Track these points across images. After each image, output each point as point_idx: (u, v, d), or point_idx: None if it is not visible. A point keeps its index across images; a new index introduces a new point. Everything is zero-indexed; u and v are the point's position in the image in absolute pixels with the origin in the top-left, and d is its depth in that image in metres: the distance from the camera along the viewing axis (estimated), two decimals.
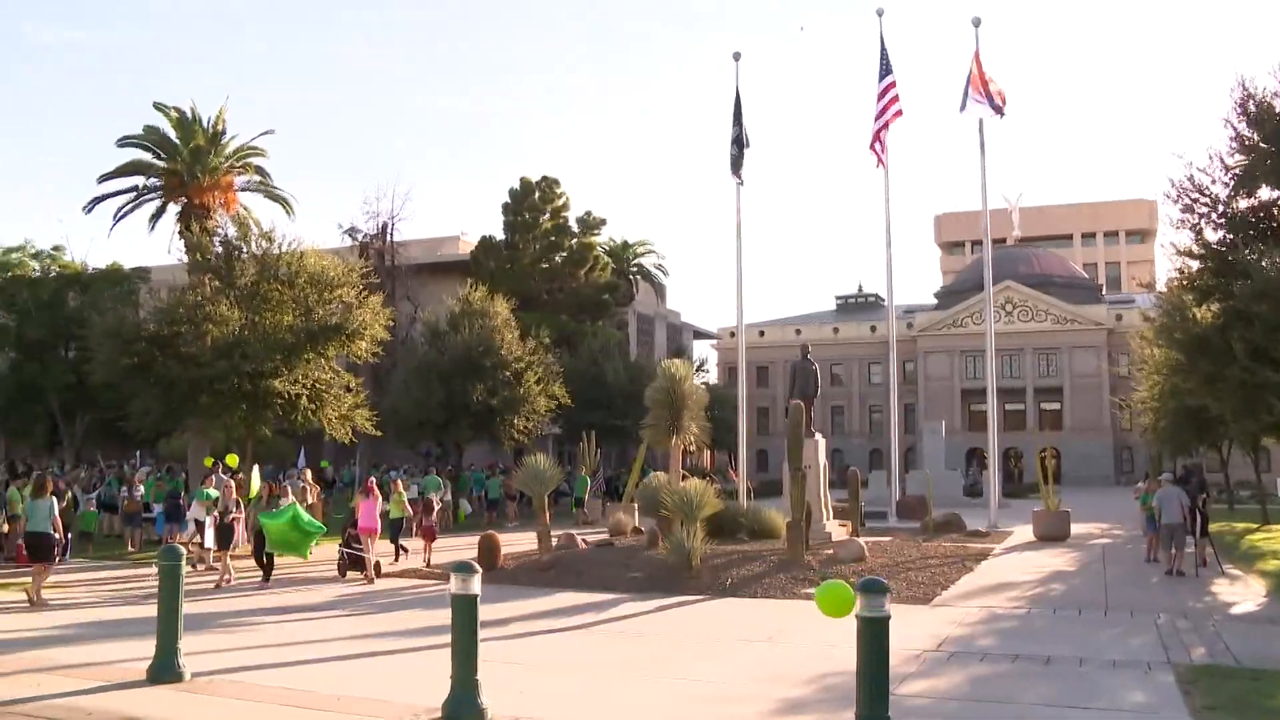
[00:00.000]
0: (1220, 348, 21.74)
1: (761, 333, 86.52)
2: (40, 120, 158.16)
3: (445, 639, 9.33)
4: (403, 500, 23.59)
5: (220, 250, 30.36)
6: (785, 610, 15.63)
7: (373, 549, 20.14)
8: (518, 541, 23.88)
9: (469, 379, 36.62)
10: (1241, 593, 17.91)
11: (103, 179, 41.97)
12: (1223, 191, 22.78)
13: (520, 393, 37.62)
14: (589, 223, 61.13)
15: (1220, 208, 22.78)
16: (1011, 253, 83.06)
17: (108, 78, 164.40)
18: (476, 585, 9.04)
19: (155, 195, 41.73)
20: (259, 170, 42.74)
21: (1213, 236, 22.88)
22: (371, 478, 26.33)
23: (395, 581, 19.50)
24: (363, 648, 12.53)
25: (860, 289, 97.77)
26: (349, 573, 20.15)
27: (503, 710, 9.01)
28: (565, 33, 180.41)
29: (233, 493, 21.63)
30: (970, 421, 79.45)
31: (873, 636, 7.82)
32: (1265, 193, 22.81)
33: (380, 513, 21.07)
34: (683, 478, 23.02)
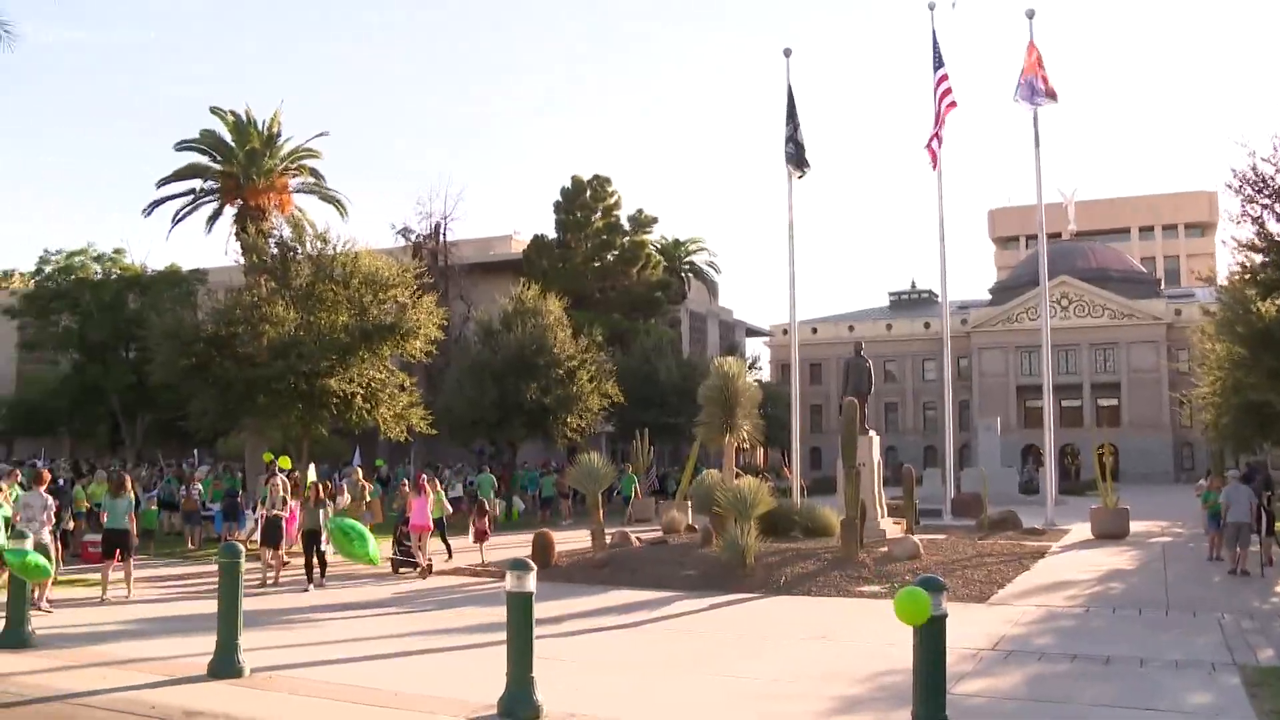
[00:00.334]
0: None
1: (814, 330, 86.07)
2: (101, 125, 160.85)
3: (500, 636, 9.36)
4: (442, 499, 23.70)
5: (276, 251, 30.70)
6: (840, 608, 15.54)
7: (425, 546, 20.26)
8: (571, 539, 23.93)
9: (522, 378, 36.74)
10: None
11: (161, 183, 42.65)
12: None
13: (573, 391, 37.68)
14: (641, 221, 61.10)
15: None
16: (1067, 247, 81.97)
17: (165, 83, 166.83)
18: (532, 583, 9.07)
19: (212, 198, 42.31)
20: (313, 172, 43.20)
21: (1276, 229, 22.39)
22: (423, 475, 26.47)
23: (449, 579, 19.61)
24: (419, 645, 12.61)
25: (913, 285, 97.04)
26: (401, 569, 20.29)
27: (558, 707, 9.03)
28: (619, 32, 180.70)
29: (279, 491, 21.85)
30: (1026, 418, 78.48)
31: (929, 635, 7.76)
32: None
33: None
34: (736, 475, 22.95)
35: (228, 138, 41.38)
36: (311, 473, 24.92)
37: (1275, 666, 11.09)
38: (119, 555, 17.05)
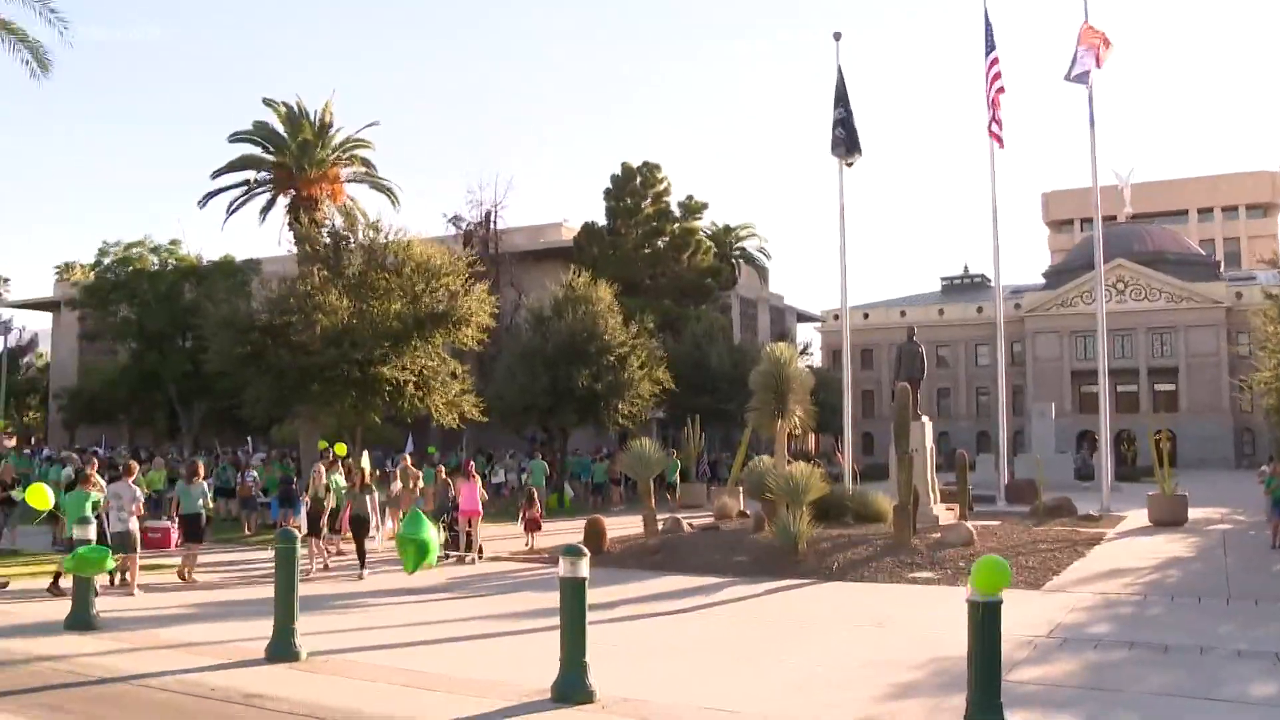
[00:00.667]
0: None
1: (866, 315, 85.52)
2: (157, 119, 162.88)
3: (553, 621, 9.41)
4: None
5: (328, 241, 30.97)
6: (892, 595, 15.46)
7: (476, 532, 20.38)
8: (623, 525, 23.97)
9: (573, 364, 36.79)
10: None
11: (216, 174, 43.01)
12: None
13: (624, 378, 37.68)
14: (691, 207, 60.90)
15: None
16: (1123, 230, 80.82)
17: (219, 76, 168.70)
18: (585, 568, 9.10)
19: (265, 188, 42.62)
20: (364, 162, 43.40)
21: None
22: (471, 462, 26.58)
23: (501, 565, 19.73)
24: (472, 629, 12.70)
25: (966, 270, 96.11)
26: (450, 554, 20.40)
27: (611, 691, 9.06)
28: (669, 18, 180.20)
29: (320, 479, 22.03)
30: (1081, 403, 77.56)
31: (984, 621, 7.68)
32: None
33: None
34: (788, 461, 22.88)
35: (280, 129, 41.66)
36: (365, 460, 25.15)
37: None
38: (190, 540, 17.61)
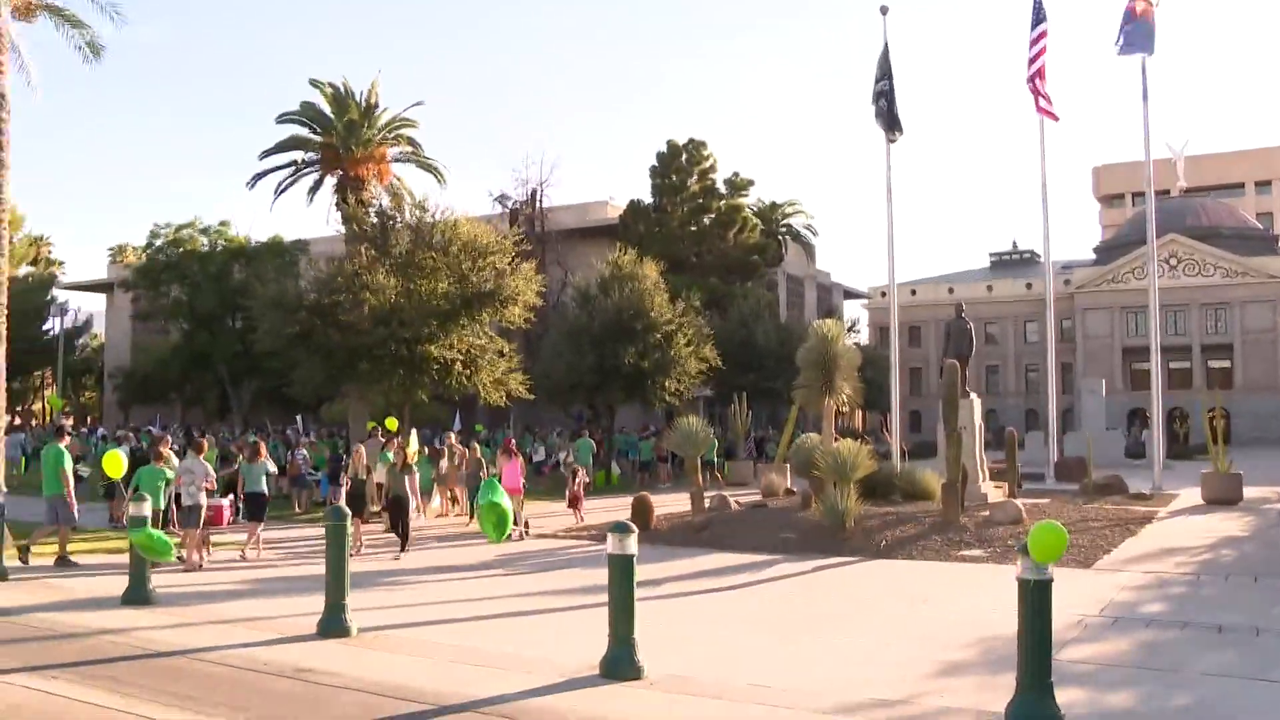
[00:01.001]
0: None
1: (913, 292, 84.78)
2: (207, 101, 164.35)
3: (601, 598, 9.44)
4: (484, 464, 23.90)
5: (375, 220, 31.14)
6: (941, 573, 15.38)
7: (521, 509, 20.49)
8: (670, 503, 24.01)
9: (620, 342, 36.81)
10: None
11: (264, 155, 43.46)
12: None
13: (671, 355, 37.66)
14: (737, 184, 60.70)
15: None
16: (1176, 204, 79.52)
17: (267, 57, 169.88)
18: (633, 545, 9.12)
19: (313, 169, 42.99)
20: (410, 141, 43.63)
21: None
22: (511, 440, 26.64)
23: (548, 542, 19.81)
24: (519, 606, 12.79)
25: (1015, 245, 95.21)
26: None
27: (659, 668, 9.08)
28: None
29: (361, 459, 22.21)
30: (1132, 380, 76.61)
31: (1035, 600, 7.61)
32: None
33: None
34: (835, 439, 22.79)
35: (327, 110, 41.97)
36: (414, 439, 25.35)
37: None
38: (257, 516, 18.02)
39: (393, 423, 26.12)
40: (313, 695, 8.68)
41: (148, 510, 13.44)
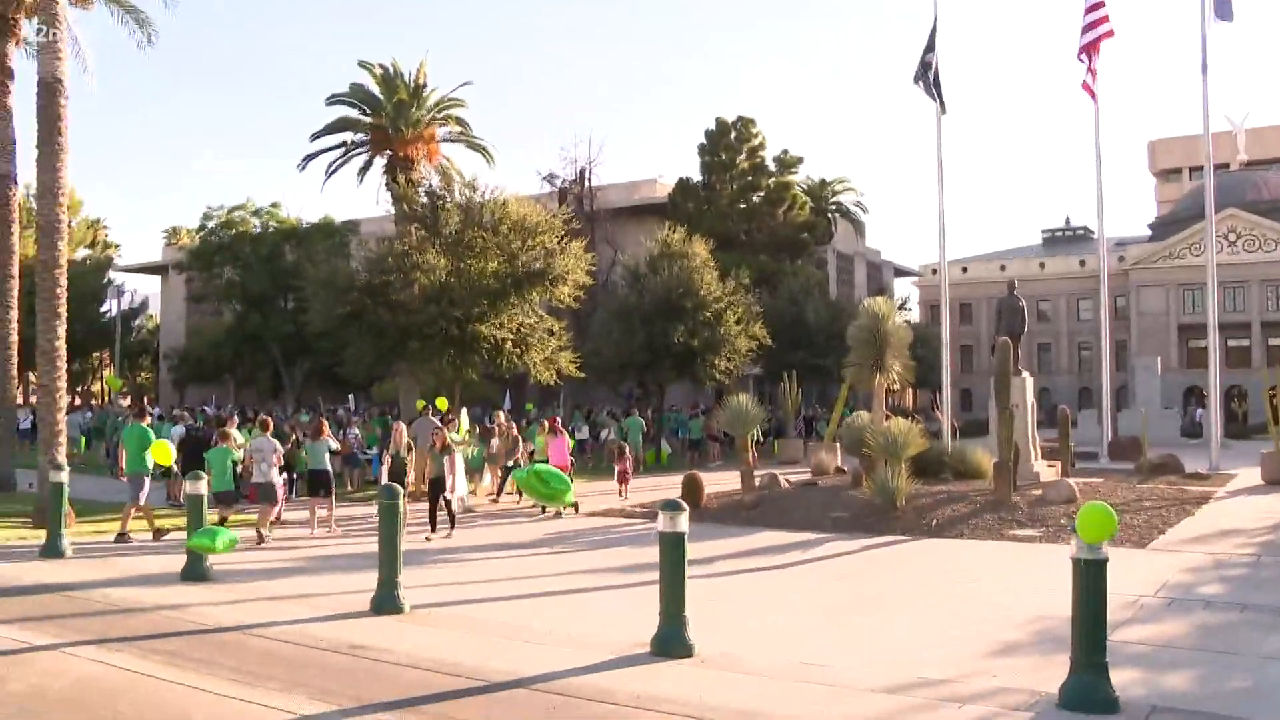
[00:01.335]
0: None
1: (964, 269, 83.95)
2: (259, 83, 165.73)
3: (651, 576, 9.46)
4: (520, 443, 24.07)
5: (425, 200, 31.25)
6: (992, 552, 15.25)
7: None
8: (720, 481, 24.00)
9: (669, 320, 36.75)
10: None
11: (314, 136, 43.63)
12: None
13: (721, 333, 37.54)
14: (786, 161, 60.31)
15: None
16: (1236, 178, 77.97)
17: (317, 39, 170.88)
18: (684, 523, 9.12)
19: (362, 150, 43.13)
20: (459, 121, 43.65)
21: None
22: (556, 418, 26.67)
23: (598, 520, 19.87)
24: (569, 584, 12.83)
25: (1068, 222, 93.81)
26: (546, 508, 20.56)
27: (710, 647, 9.08)
28: None
29: (402, 438, 22.34)
30: (1188, 358, 75.41)
31: (1090, 579, 7.52)
32: None
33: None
34: (886, 417, 22.65)
35: (376, 90, 42.08)
36: (464, 418, 25.49)
37: None
38: (321, 494, 18.29)
39: (443, 402, 26.26)
40: (367, 671, 8.77)
41: (204, 489, 13.65)
